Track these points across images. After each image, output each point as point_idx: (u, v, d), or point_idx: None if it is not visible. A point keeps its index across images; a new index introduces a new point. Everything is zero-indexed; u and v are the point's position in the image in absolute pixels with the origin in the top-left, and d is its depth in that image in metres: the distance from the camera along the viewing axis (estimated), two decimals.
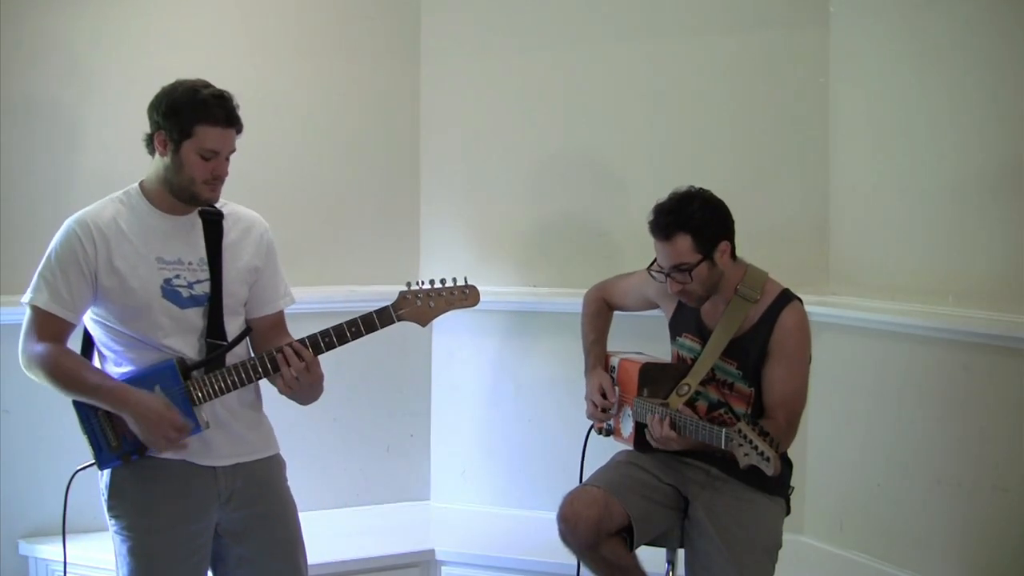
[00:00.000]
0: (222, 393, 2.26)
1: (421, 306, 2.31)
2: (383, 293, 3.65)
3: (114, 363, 2.31)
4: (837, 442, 3.35)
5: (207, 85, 2.28)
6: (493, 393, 3.77)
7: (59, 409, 3.32)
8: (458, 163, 3.86)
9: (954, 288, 3.09)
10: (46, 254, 2.27)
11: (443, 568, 3.38)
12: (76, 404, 2.30)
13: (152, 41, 3.48)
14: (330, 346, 2.28)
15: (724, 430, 2.36)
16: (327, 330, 2.27)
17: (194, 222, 2.33)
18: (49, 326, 2.24)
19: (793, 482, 2.71)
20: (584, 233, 3.70)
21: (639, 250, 2.77)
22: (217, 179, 2.27)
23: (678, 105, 3.62)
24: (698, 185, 2.67)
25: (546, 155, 3.77)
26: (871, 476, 3.26)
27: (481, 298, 2.37)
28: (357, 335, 2.28)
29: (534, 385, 3.71)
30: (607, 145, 3.71)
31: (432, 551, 3.39)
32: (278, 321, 2.44)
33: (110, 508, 2.32)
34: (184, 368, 2.25)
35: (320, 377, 2.31)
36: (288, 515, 2.44)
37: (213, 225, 2.34)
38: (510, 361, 3.74)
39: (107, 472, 2.33)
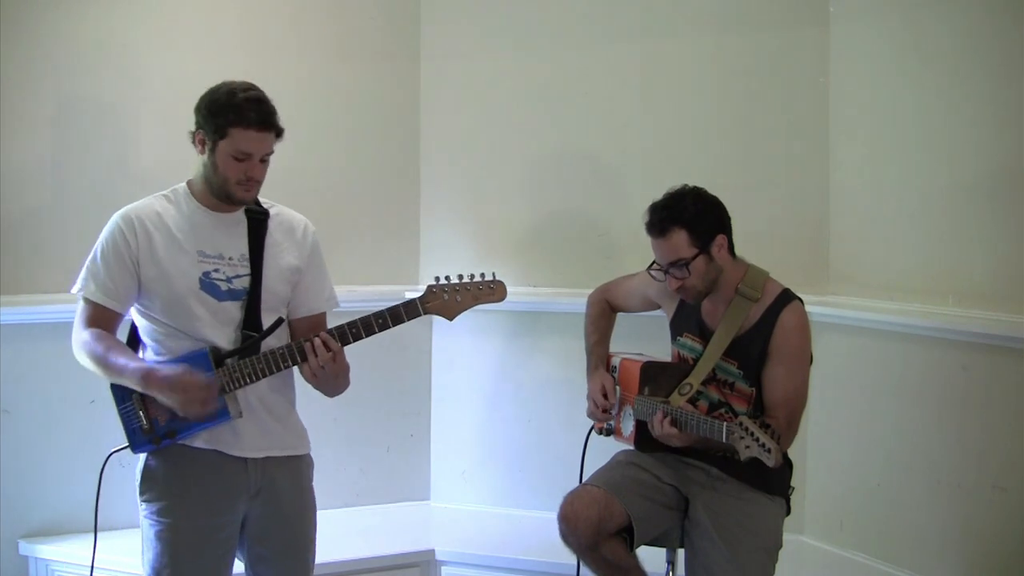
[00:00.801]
0: (251, 381, 2.30)
1: (448, 300, 2.35)
2: (383, 293, 3.69)
3: (154, 352, 2.38)
4: (837, 442, 3.35)
5: (248, 88, 2.33)
6: (493, 393, 3.77)
7: (59, 409, 3.37)
8: (458, 163, 3.86)
9: (954, 288, 3.09)
10: (94, 247, 2.37)
11: (443, 568, 3.39)
12: (112, 387, 2.35)
13: (149, 41, 3.49)
14: (357, 337, 2.32)
15: (725, 423, 2.37)
16: (355, 321, 2.32)
17: (239, 219, 2.40)
18: (95, 315, 2.34)
19: (793, 482, 2.71)
20: (584, 233, 3.70)
21: (639, 250, 2.77)
22: (250, 180, 2.32)
23: (678, 105, 3.62)
24: (697, 185, 2.69)
25: (546, 155, 3.77)
26: (871, 476, 3.26)
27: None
28: (384, 327, 2.32)
29: (534, 385, 3.71)
30: (607, 145, 3.71)
31: (432, 551, 3.39)
32: (319, 323, 2.46)
33: (141, 492, 2.37)
34: (217, 357, 2.30)
35: (345, 368, 2.36)
36: (307, 516, 2.49)
37: (257, 223, 2.41)
38: (510, 361, 3.74)
39: (142, 457, 2.38)
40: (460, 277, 2.37)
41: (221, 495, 2.35)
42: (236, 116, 2.27)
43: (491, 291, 2.39)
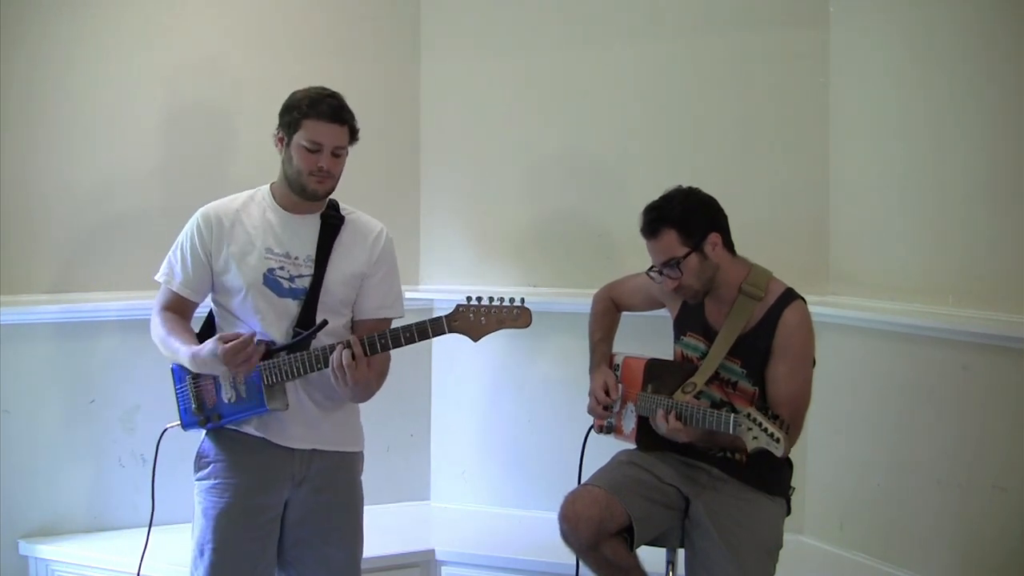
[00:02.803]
0: (291, 377, 2.39)
1: (474, 321, 2.38)
2: None
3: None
4: (837, 442, 3.35)
5: (324, 89, 2.48)
6: (493, 393, 3.77)
7: (59, 409, 3.37)
8: (458, 163, 3.86)
9: (954, 288, 3.09)
10: (176, 239, 2.53)
11: (443, 568, 3.39)
12: (172, 368, 2.53)
13: (149, 40, 3.49)
14: (385, 347, 2.38)
15: (732, 415, 2.37)
16: (384, 332, 2.37)
17: (313, 222, 2.50)
18: (170, 301, 2.52)
19: (793, 482, 2.72)
20: (584, 233, 3.70)
21: (639, 250, 2.77)
22: (323, 172, 2.42)
23: (678, 105, 3.62)
24: (697, 185, 2.70)
25: (546, 155, 3.77)
26: (871, 476, 3.26)
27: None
28: (410, 340, 2.37)
29: (534, 385, 3.71)
30: (607, 145, 3.71)
31: (432, 551, 3.39)
32: (379, 328, 2.46)
33: (196, 471, 2.50)
34: (266, 351, 2.39)
35: (367, 378, 2.39)
36: (353, 507, 2.60)
37: (330, 228, 2.50)
38: (510, 361, 3.74)
39: (201, 437, 2.53)
40: (491, 300, 2.39)
41: (266, 478, 2.45)
42: (309, 108, 2.41)
43: (517, 317, 2.40)
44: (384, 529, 3.57)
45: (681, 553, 2.72)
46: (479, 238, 3.82)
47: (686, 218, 2.61)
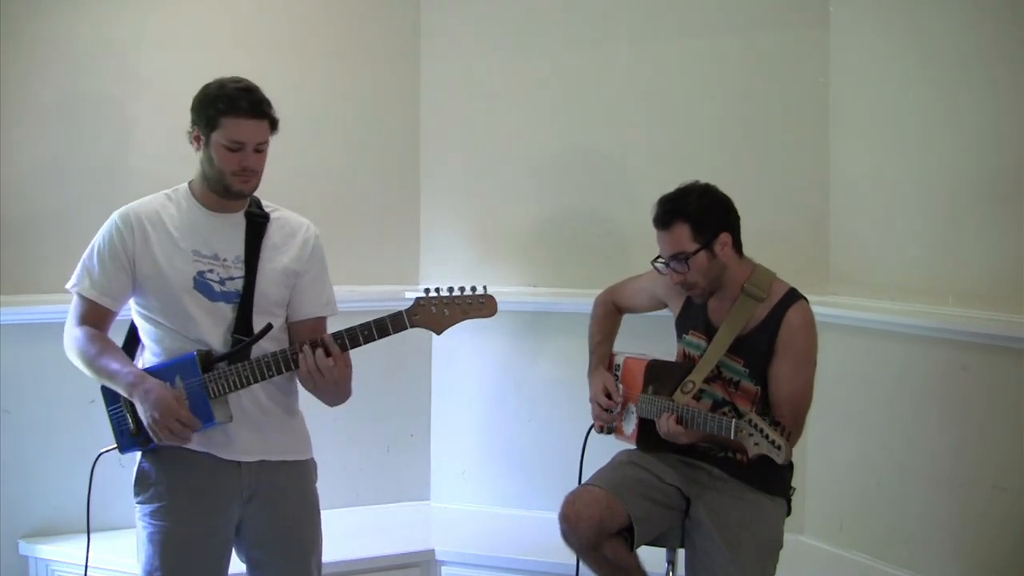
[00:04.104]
0: (239, 387, 2.28)
1: (436, 313, 2.29)
2: (383, 293, 3.69)
3: (152, 353, 2.37)
4: (837, 442, 3.35)
5: (239, 80, 2.33)
6: (493, 393, 3.77)
7: (59, 409, 3.37)
8: (458, 163, 3.86)
9: (954, 288, 3.09)
10: (90, 245, 2.37)
11: (443, 568, 3.39)
12: (103, 388, 2.36)
13: (150, 41, 3.49)
14: (344, 348, 2.29)
15: (734, 420, 2.37)
16: (340, 332, 2.29)
17: (238, 222, 2.38)
18: (88, 312, 2.34)
19: (793, 482, 2.71)
20: (584, 233, 3.70)
21: (639, 250, 2.77)
22: (247, 170, 2.30)
23: (678, 105, 3.62)
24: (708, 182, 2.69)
25: (546, 155, 3.77)
26: (871, 476, 3.26)
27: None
28: (369, 338, 2.27)
29: (534, 385, 3.71)
30: (607, 145, 3.71)
31: (432, 551, 3.39)
32: (317, 328, 2.43)
33: (136, 494, 2.37)
34: (206, 361, 2.28)
35: (341, 379, 2.29)
36: (308, 520, 2.46)
37: (256, 226, 2.39)
38: (510, 361, 3.74)
39: (136, 459, 2.39)
40: (451, 290, 2.29)
41: (213, 498, 2.33)
42: (226, 105, 2.26)
43: (481, 305, 2.30)
44: (384, 529, 3.58)
45: (681, 553, 2.72)
46: (479, 238, 3.82)
47: (700, 214, 2.61)
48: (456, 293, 2.30)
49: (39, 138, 3.43)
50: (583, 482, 2.73)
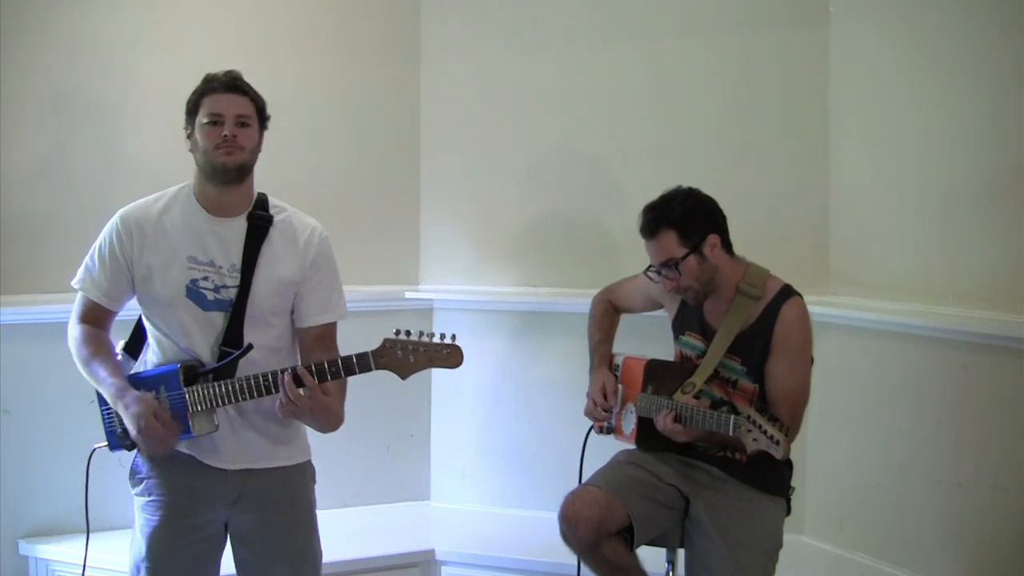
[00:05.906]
0: (218, 405, 2.26)
1: (402, 358, 2.22)
2: (383, 293, 3.70)
3: (153, 352, 2.39)
4: (837, 442, 3.35)
5: (222, 70, 2.36)
6: (493, 393, 3.77)
7: (59, 409, 3.36)
8: (458, 163, 3.86)
9: (954, 288, 3.10)
10: (93, 244, 2.39)
11: (443, 568, 3.39)
12: (97, 391, 2.39)
13: (150, 41, 3.50)
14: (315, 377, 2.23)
15: (733, 417, 2.37)
16: (309, 363, 2.24)
17: (239, 227, 2.34)
18: (88, 310, 2.38)
19: (793, 482, 2.71)
20: (584, 233, 3.70)
21: (639, 250, 2.77)
22: (229, 141, 2.27)
23: (677, 105, 3.62)
24: (696, 185, 2.69)
25: (546, 155, 3.77)
26: (871, 476, 3.26)
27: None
28: (336, 376, 2.22)
29: (534, 385, 3.71)
30: (607, 145, 3.71)
31: (432, 551, 3.39)
32: (323, 334, 2.39)
33: (132, 486, 2.42)
34: (189, 375, 2.27)
35: (317, 408, 2.22)
36: (299, 522, 2.44)
37: (257, 232, 2.34)
38: (510, 361, 3.74)
39: (134, 452, 2.42)
40: (420, 335, 2.23)
41: (198, 499, 2.35)
42: (204, 87, 2.32)
43: (446, 356, 2.24)
44: (384, 529, 3.58)
45: (681, 553, 2.72)
46: (479, 238, 3.82)
47: (686, 219, 2.61)
48: (424, 339, 2.24)
49: (39, 137, 3.44)
50: (583, 482, 2.73)
